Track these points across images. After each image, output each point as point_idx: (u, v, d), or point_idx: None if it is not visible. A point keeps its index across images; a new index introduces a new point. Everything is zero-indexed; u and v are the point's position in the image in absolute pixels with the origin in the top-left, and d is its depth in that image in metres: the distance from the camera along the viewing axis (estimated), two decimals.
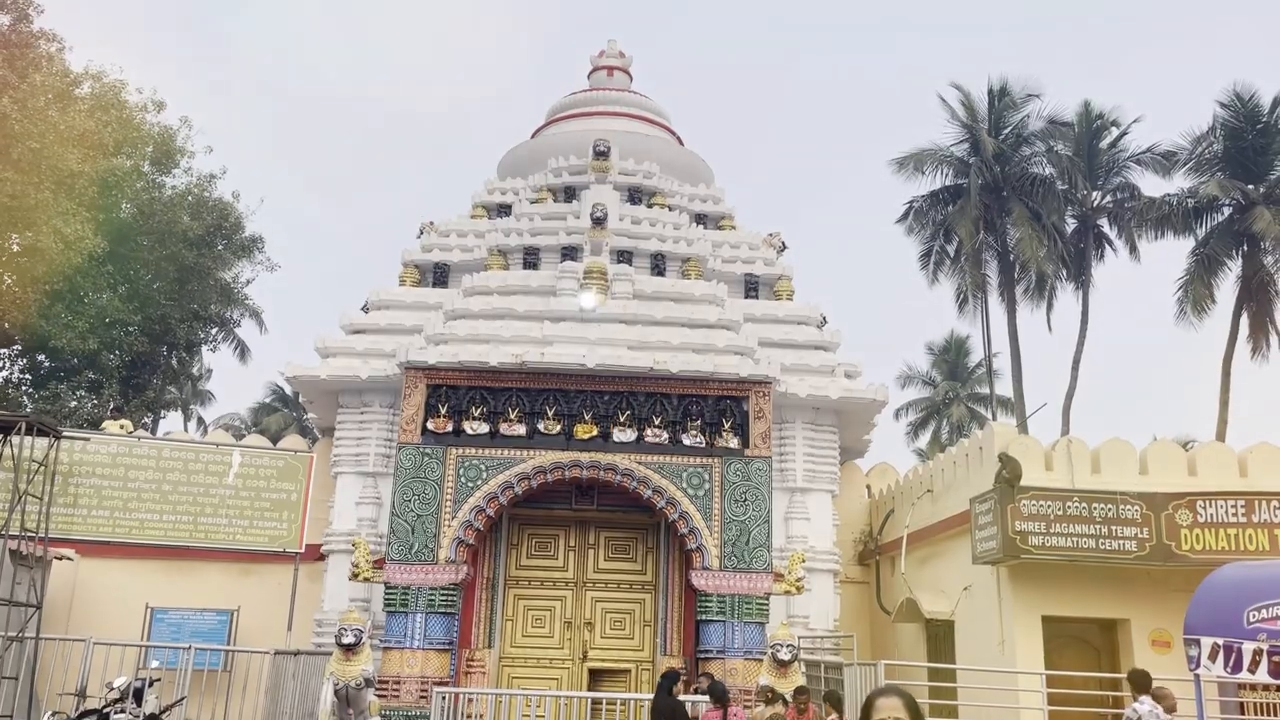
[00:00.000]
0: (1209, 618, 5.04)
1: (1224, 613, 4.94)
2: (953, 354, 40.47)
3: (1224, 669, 4.85)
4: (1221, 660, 4.86)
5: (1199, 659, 4.99)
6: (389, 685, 13.34)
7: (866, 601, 17.91)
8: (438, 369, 14.63)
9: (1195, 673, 5.08)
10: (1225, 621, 4.90)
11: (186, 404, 33.20)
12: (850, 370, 16.50)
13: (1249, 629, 4.74)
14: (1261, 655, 4.64)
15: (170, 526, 14.87)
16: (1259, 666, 4.65)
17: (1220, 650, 4.87)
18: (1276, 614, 4.64)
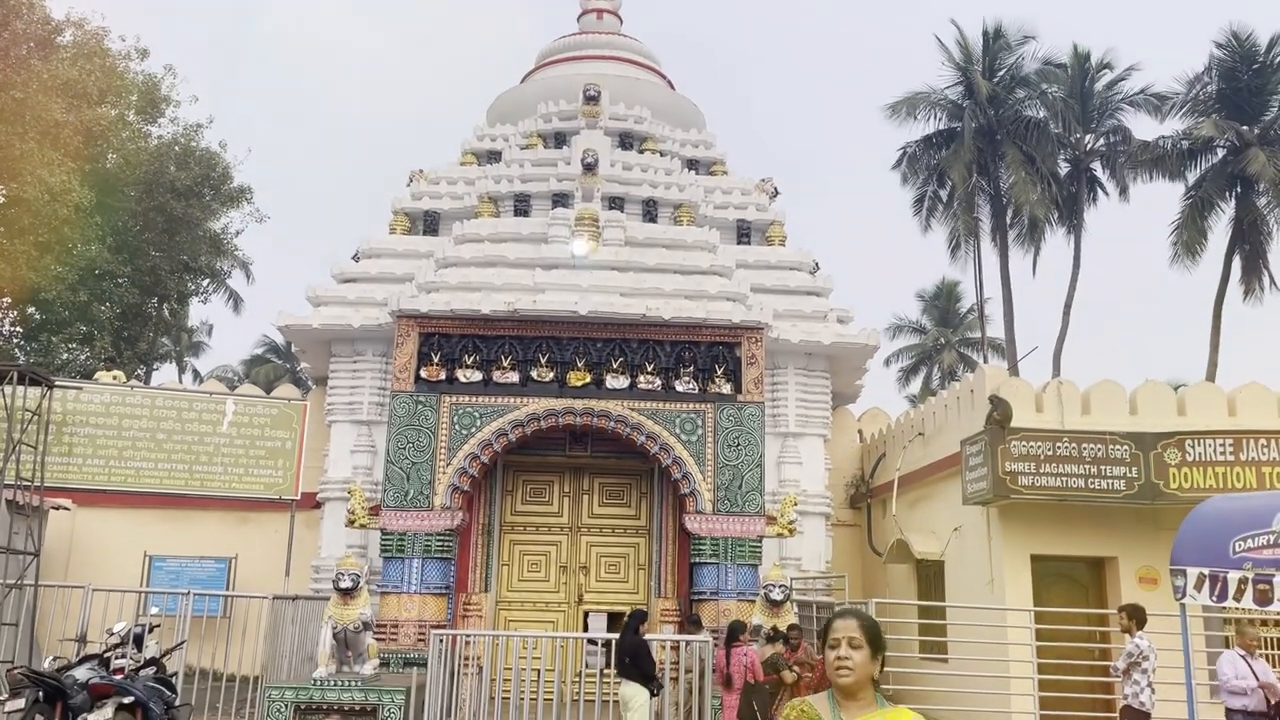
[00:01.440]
0: (1196, 549, 5.11)
1: (1211, 543, 5.01)
2: (944, 300, 40.50)
3: (1210, 598, 4.94)
4: (1207, 589, 4.94)
5: (1185, 589, 5.07)
6: (387, 629, 13.51)
7: (858, 544, 18.13)
8: (430, 317, 14.61)
9: (1181, 602, 5.16)
10: (1212, 552, 4.97)
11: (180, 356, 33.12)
12: (842, 316, 16.53)
13: (1235, 558, 4.82)
14: (1247, 584, 4.72)
15: (166, 475, 14.94)
16: (1244, 594, 4.73)
17: (1206, 580, 4.95)
18: (1262, 543, 4.71)
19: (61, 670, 9.88)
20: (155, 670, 10.27)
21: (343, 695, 11.57)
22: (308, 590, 14.47)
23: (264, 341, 40.14)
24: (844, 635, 3.09)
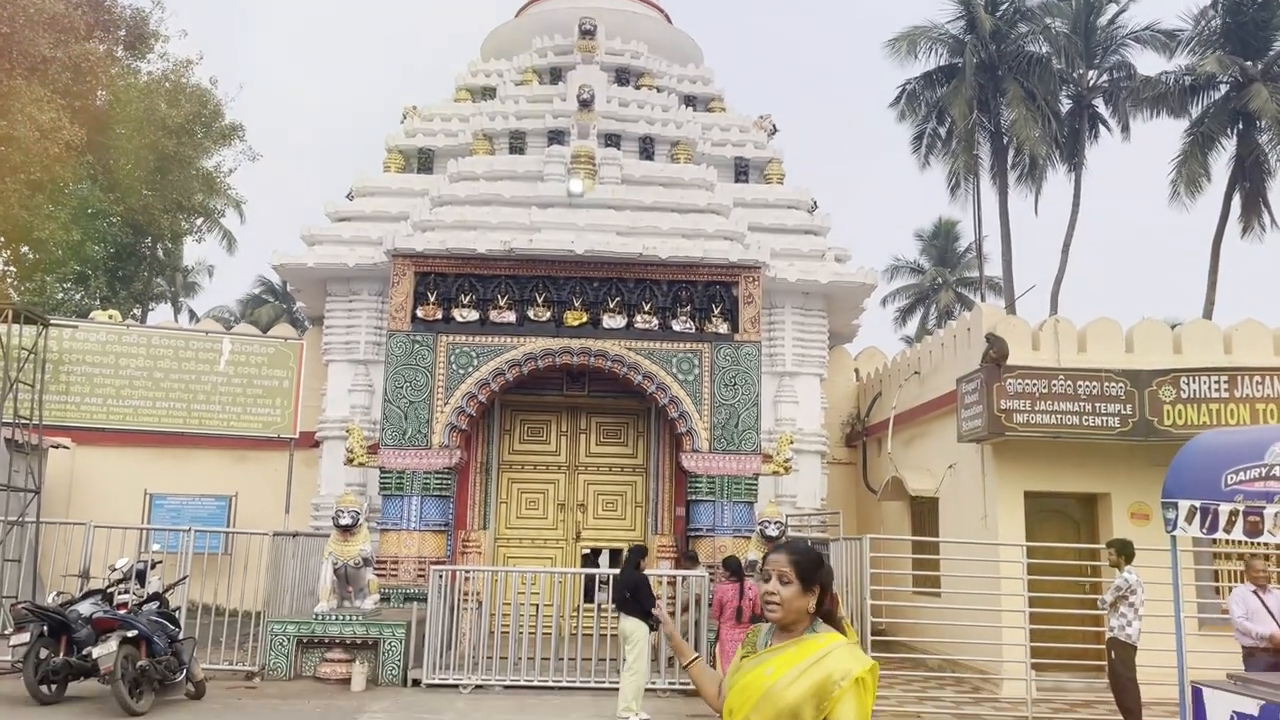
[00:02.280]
0: (1188, 482, 5.15)
1: (1203, 477, 5.04)
2: (942, 239, 40.33)
3: (1200, 530, 4.98)
4: (1198, 521, 4.98)
5: (1176, 521, 5.12)
6: (387, 565, 13.67)
7: (853, 482, 18.28)
8: (425, 256, 14.54)
9: (1172, 534, 5.22)
10: (1204, 485, 5.00)
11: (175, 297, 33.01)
12: (840, 255, 16.46)
13: (1226, 491, 4.85)
14: (1237, 515, 4.76)
15: (164, 413, 14.98)
16: (1234, 526, 4.78)
17: (1197, 512, 4.99)
18: (1255, 476, 4.74)
19: (65, 605, 10.02)
20: (158, 605, 10.40)
21: (344, 629, 11.75)
22: (308, 528, 14.61)
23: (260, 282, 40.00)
24: (774, 570, 3.03)
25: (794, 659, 2.95)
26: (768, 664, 2.97)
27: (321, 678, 11.64)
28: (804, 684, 2.87)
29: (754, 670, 2.97)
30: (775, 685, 2.89)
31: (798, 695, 2.86)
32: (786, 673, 2.91)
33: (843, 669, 2.90)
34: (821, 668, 2.91)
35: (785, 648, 3.00)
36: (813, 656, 2.94)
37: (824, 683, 2.87)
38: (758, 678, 2.94)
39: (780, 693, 2.86)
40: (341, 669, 11.58)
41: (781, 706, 2.86)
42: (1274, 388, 11.48)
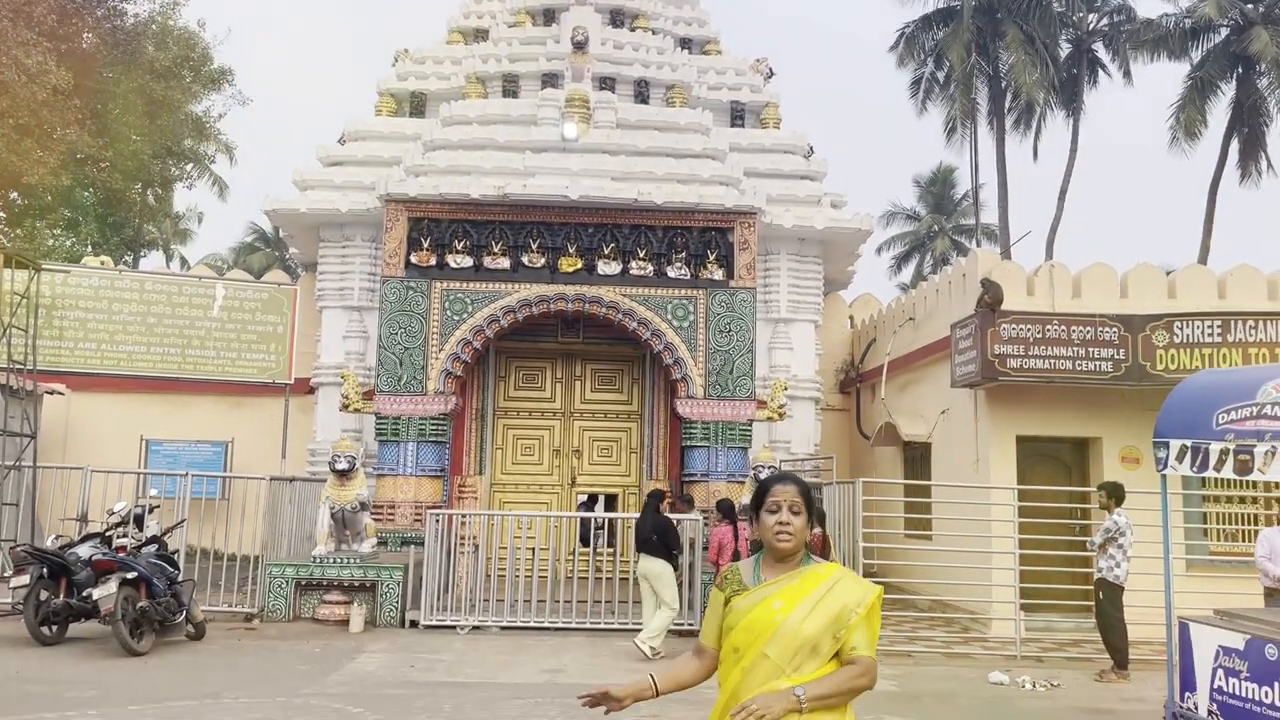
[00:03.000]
0: (1179, 421, 5.18)
1: (1194, 416, 5.07)
2: (939, 186, 40.13)
3: (1190, 468, 5.02)
4: (1189, 460, 5.02)
5: (1167, 460, 5.16)
6: (384, 510, 13.76)
7: (846, 428, 18.38)
8: (418, 201, 14.43)
9: (1163, 473, 5.26)
10: (1195, 424, 5.04)
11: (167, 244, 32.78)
12: (836, 200, 16.36)
13: (1218, 430, 4.88)
14: (1228, 454, 4.80)
15: (159, 359, 14.95)
16: (1225, 465, 4.82)
17: (1188, 451, 5.03)
18: (1246, 415, 4.77)
19: (64, 548, 10.09)
20: (157, 548, 10.48)
21: (342, 572, 11.87)
22: (304, 473, 14.68)
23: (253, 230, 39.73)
24: (785, 500, 3.00)
25: (802, 591, 2.95)
26: (773, 599, 2.95)
27: (320, 619, 11.79)
28: (820, 616, 2.90)
29: (760, 606, 2.94)
30: (789, 620, 2.89)
31: (816, 628, 2.88)
32: (798, 606, 2.91)
33: (855, 597, 2.94)
34: (835, 598, 2.93)
35: (787, 580, 2.98)
36: (821, 587, 2.96)
37: (841, 613, 2.90)
38: (766, 613, 2.93)
39: (796, 627, 2.88)
40: (340, 610, 11.72)
41: (800, 641, 2.87)
42: (1267, 332, 11.51)
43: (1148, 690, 9.22)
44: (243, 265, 32.81)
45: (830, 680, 2.86)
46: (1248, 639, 4.80)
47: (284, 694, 8.10)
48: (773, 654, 2.88)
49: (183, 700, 7.77)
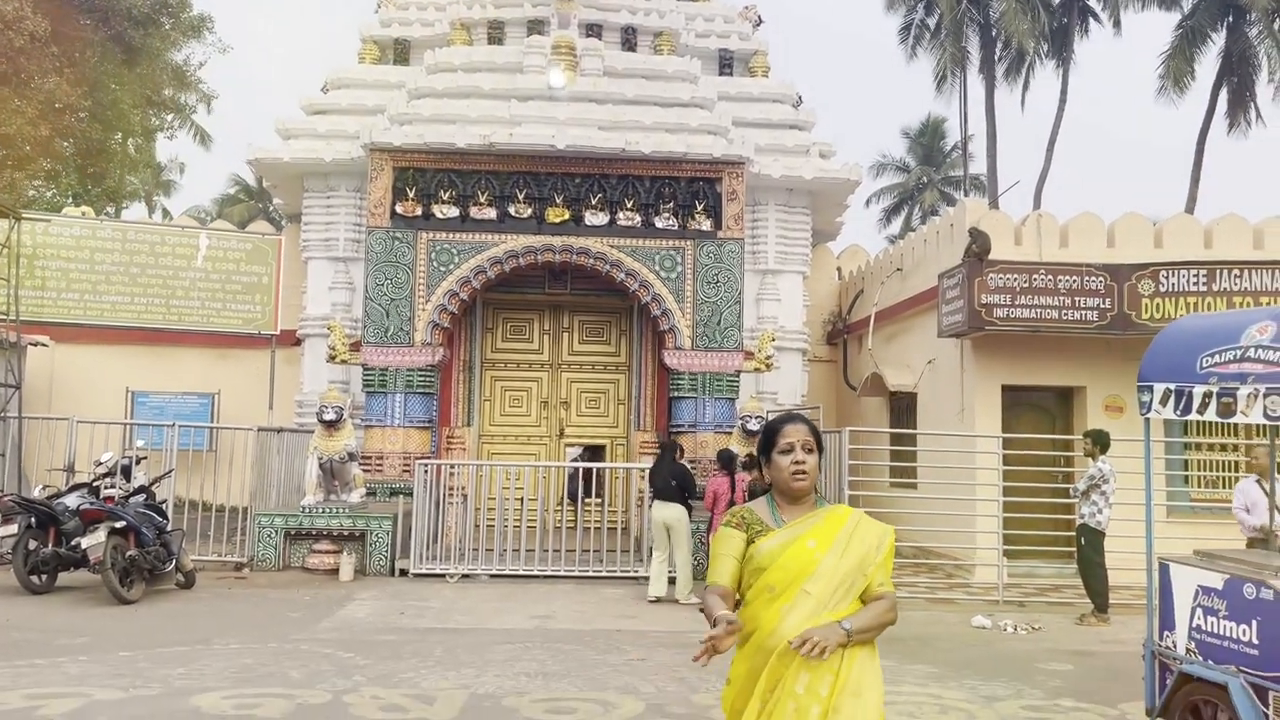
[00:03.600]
0: (1163, 365, 5.20)
1: (1178, 360, 5.09)
2: (928, 137, 39.91)
3: (1174, 412, 5.05)
4: (1172, 403, 5.05)
5: (1151, 404, 5.19)
6: (372, 461, 13.79)
7: (833, 379, 18.44)
8: (403, 150, 14.28)
9: (1146, 417, 5.30)
10: (1179, 368, 5.06)
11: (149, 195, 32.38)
12: (824, 150, 16.26)
13: (1201, 373, 4.91)
14: (1211, 397, 4.83)
15: (143, 309, 14.86)
16: (1208, 408, 4.85)
17: (1172, 394, 5.06)
18: (1229, 358, 4.79)
19: (52, 498, 10.09)
20: (145, 498, 10.49)
21: (331, 521, 11.92)
22: (292, 425, 14.66)
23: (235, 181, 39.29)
24: (798, 440, 3.06)
25: (831, 530, 3.05)
26: (805, 537, 3.03)
27: (310, 568, 11.86)
28: (852, 555, 3.01)
29: (795, 545, 3.01)
30: (827, 559, 2.99)
31: (849, 566, 3.00)
32: (833, 545, 3.01)
33: (876, 537, 3.08)
34: (860, 538, 3.05)
35: (812, 519, 3.07)
36: (847, 526, 3.07)
37: (867, 553, 3.03)
38: (802, 552, 3.00)
39: (835, 565, 2.98)
40: (329, 560, 11.79)
41: (839, 578, 2.98)
42: (1252, 281, 11.57)
43: (1127, 633, 9.38)
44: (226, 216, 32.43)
45: (867, 614, 2.99)
46: (1226, 578, 4.87)
47: (275, 640, 8.17)
48: (814, 591, 2.97)
49: (173, 646, 7.83)
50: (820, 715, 2.85)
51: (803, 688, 2.86)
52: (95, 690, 6.43)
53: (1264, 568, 4.81)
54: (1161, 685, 5.24)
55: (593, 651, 8.04)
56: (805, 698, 2.85)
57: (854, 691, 2.89)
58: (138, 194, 30.77)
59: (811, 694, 2.85)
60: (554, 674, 7.24)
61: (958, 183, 37.77)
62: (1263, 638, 4.61)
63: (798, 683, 2.87)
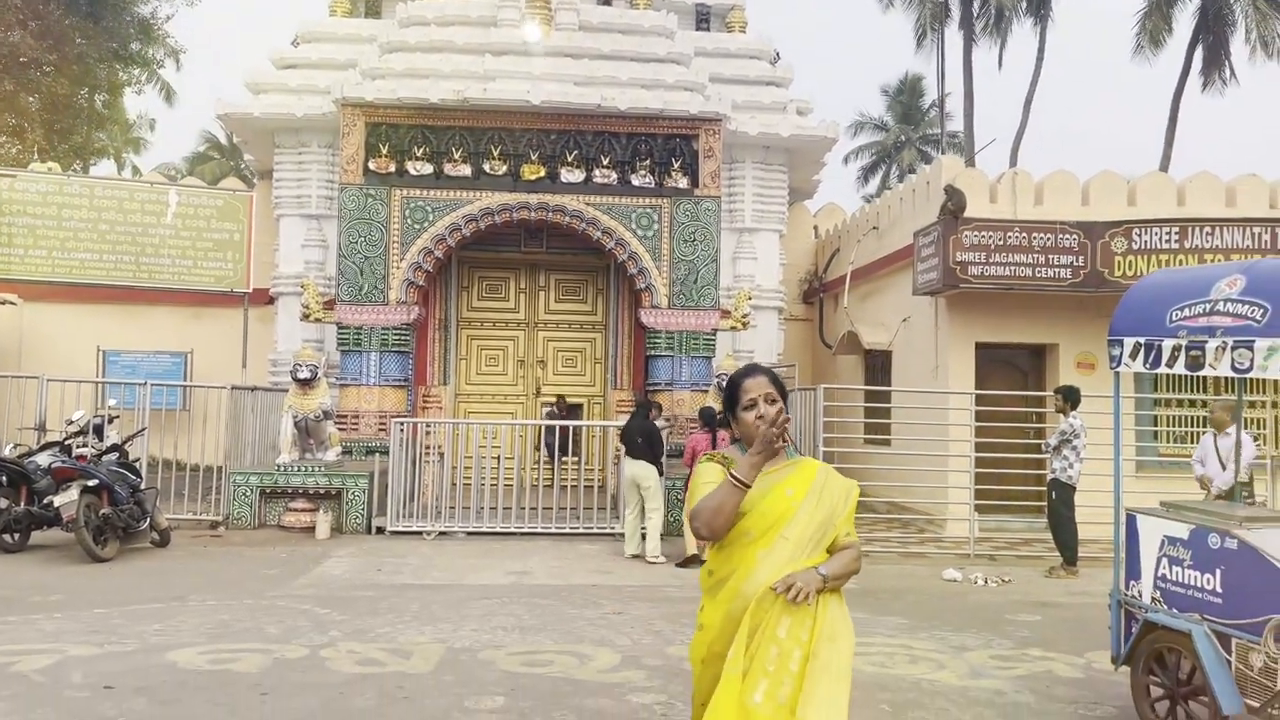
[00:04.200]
0: (1134, 319, 5.24)
1: (1148, 314, 5.14)
2: (906, 95, 39.81)
3: (1144, 365, 5.11)
4: (1142, 356, 5.10)
5: (1121, 357, 5.24)
6: (347, 419, 13.74)
7: (809, 338, 18.52)
8: (376, 106, 14.08)
9: (1116, 370, 5.35)
10: (1149, 322, 5.10)
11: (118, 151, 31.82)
12: (802, 108, 16.18)
13: (1171, 327, 4.95)
14: (1180, 350, 4.88)
15: (112, 266, 14.65)
16: (1177, 361, 4.90)
17: (1141, 348, 5.11)
18: (1199, 312, 4.83)
19: (23, 457, 10.00)
20: (118, 456, 10.41)
21: (307, 479, 11.90)
22: (266, 383, 14.57)
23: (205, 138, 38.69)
24: (760, 393, 3.09)
25: (805, 480, 3.11)
26: (784, 485, 3.08)
27: (286, 526, 11.85)
28: (825, 505, 3.09)
29: (774, 492, 3.06)
30: (804, 506, 3.06)
31: (822, 515, 3.07)
32: (808, 494, 3.08)
33: (843, 489, 3.16)
34: (830, 490, 3.12)
35: (788, 469, 3.13)
36: (819, 478, 3.14)
37: (837, 504, 3.11)
38: (781, 499, 3.06)
39: (811, 514, 3.05)
40: (306, 518, 11.78)
41: (814, 526, 3.05)
42: (1223, 238, 11.66)
43: (1094, 585, 9.54)
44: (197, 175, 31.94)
45: (839, 561, 3.07)
46: (1192, 529, 4.95)
47: (251, 597, 8.17)
48: (792, 538, 3.03)
49: (149, 603, 7.82)
50: (801, 659, 2.91)
51: (784, 632, 2.91)
52: (70, 646, 6.42)
53: (1229, 518, 4.90)
54: (1127, 634, 5.34)
55: (569, 606, 8.10)
56: (787, 642, 2.91)
57: (830, 636, 2.96)
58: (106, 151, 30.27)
59: (793, 638, 2.91)
60: (530, 628, 7.30)
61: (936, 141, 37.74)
62: (1226, 586, 4.71)
63: (780, 627, 2.92)
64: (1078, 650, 6.99)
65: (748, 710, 2.87)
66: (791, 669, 2.89)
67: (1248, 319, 4.56)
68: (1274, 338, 4.39)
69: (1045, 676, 6.33)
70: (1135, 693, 5.22)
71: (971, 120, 28.18)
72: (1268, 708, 4.44)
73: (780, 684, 2.88)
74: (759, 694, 2.87)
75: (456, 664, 6.25)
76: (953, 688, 6.01)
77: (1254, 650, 4.51)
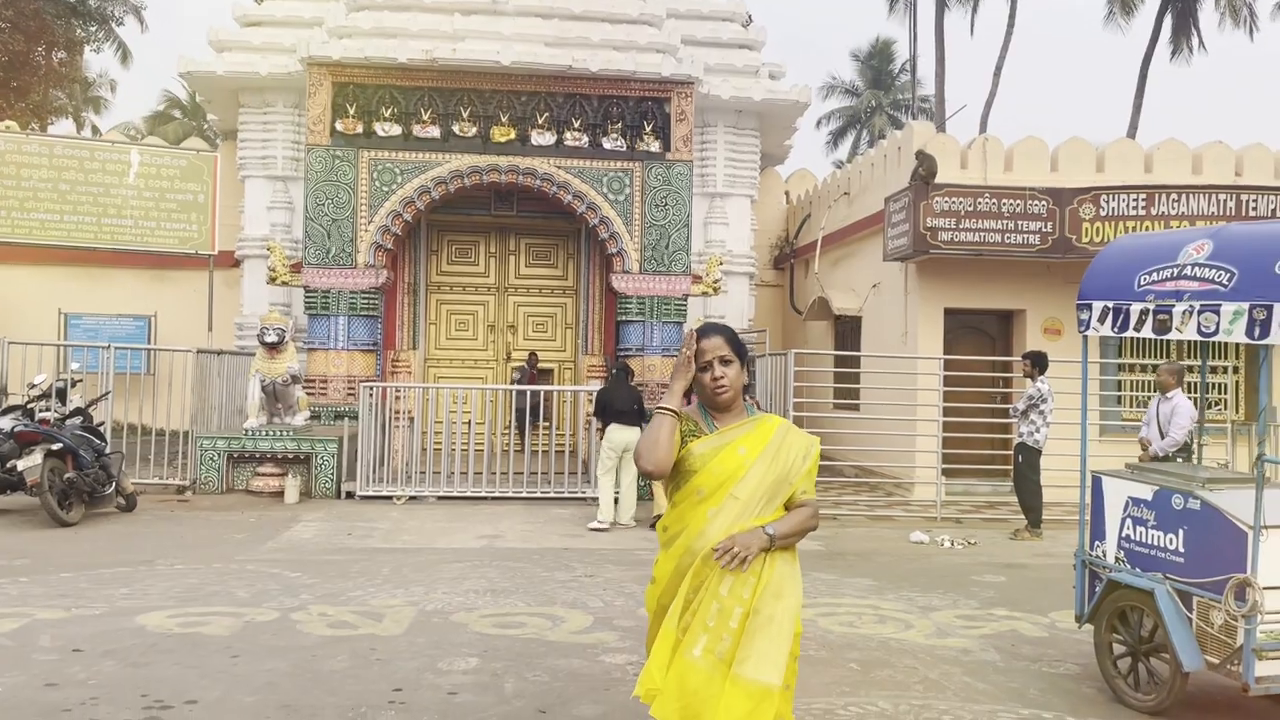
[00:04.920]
0: (1102, 283, 5.29)
1: (1117, 278, 5.18)
2: (877, 60, 39.70)
3: (1111, 329, 5.16)
4: (1110, 320, 5.15)
5: (1089, 321, 5.29)
6: (316, 384, 13.63)
7: (779, 303, 18.56)
8: (343, 65, 13.83)
9: (1084, 334, 5.41)
10: (1117, 286, 5.15)
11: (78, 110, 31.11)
12: (774, 71, 16.10)
13: (1139, 291, 5.00)
14: (1147, 314, 4.93)
15: (73, 227, 14.36)
16: (1145, 325, 4.95)
17: (1110, 312, 5.16)
18: (1166, 276, 4.88)
19: None
20: (82, 420, 10.27)
21: (275, 444, 11.81)
22: (232, 347, 14.41)
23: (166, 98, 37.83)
24: (714, 354, 3.08)
25: (761, 439, 3.10)
26: (737, 444, 3.08)
27: (254, 491, 11.77)
28: (780, 463, 3.07)
29: (725, 451, 3.06)
30: (756, 465, 3.05)
31: (776, 474, 3.06)
32: (762, 452, 3.07)
33: (803, 447, 3.14)
34: (788, 447, 3.11)
35: (744, 427, 3.12)
36: (776, 435, 3.12)
37: (794, 463, 3.09)
38: (732, 457, 3.06)
39: (762, 474, 3.05)
40: (274, 482, 11.71)
41: (766, 485, 3.05)
42: (1189, 205, 11.78)
43: (1058, 547, 9.71)
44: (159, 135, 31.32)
45: (790, 520, 3.07)
46: (1156, 490, 5.03)
47: (219, 560, 8.13)
48: (742, 496, 3.03)
49: (116, 567, 7.75)
50: (742, 616, 2.95)
51: (726, 590, 2.95)
52: (37, 610, 6.36)
53: (1192, 479, 4.98)
54: (1091, 593, 5.44)
55: (541, 569, 8.13)
56: (728, 599, 2.95)
57: (775, 593, 2.98)
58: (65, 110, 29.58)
59: (734, 596, 2.95)
60: (503, 590, 7.31)
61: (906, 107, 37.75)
62: (1189, 546, 4.80)
63: (722, 585, 2.96)
64: (1042, 610, 7.11)
65: (685, 664, 2.92)
66: (731, 626, 2.93)
67: (1214, 283, 4.61)
68: (1240, 302, 4.44)
69: (1010, 635, 6.44)
70: (1098, 650, 5.33)
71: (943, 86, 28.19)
72: (1227, 664, 4.55)
73: (719, 639, 2.92)
74: (698, 649, 2.92)
75: (429, 626, 6.26)
76: (920, 646, 6.10)
77: (1214, 608, 4.60)
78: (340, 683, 5.13)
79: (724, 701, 2.87)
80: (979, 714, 4.86)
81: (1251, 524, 4.44)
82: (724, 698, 2.87)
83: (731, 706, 2.86)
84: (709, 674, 2.90)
